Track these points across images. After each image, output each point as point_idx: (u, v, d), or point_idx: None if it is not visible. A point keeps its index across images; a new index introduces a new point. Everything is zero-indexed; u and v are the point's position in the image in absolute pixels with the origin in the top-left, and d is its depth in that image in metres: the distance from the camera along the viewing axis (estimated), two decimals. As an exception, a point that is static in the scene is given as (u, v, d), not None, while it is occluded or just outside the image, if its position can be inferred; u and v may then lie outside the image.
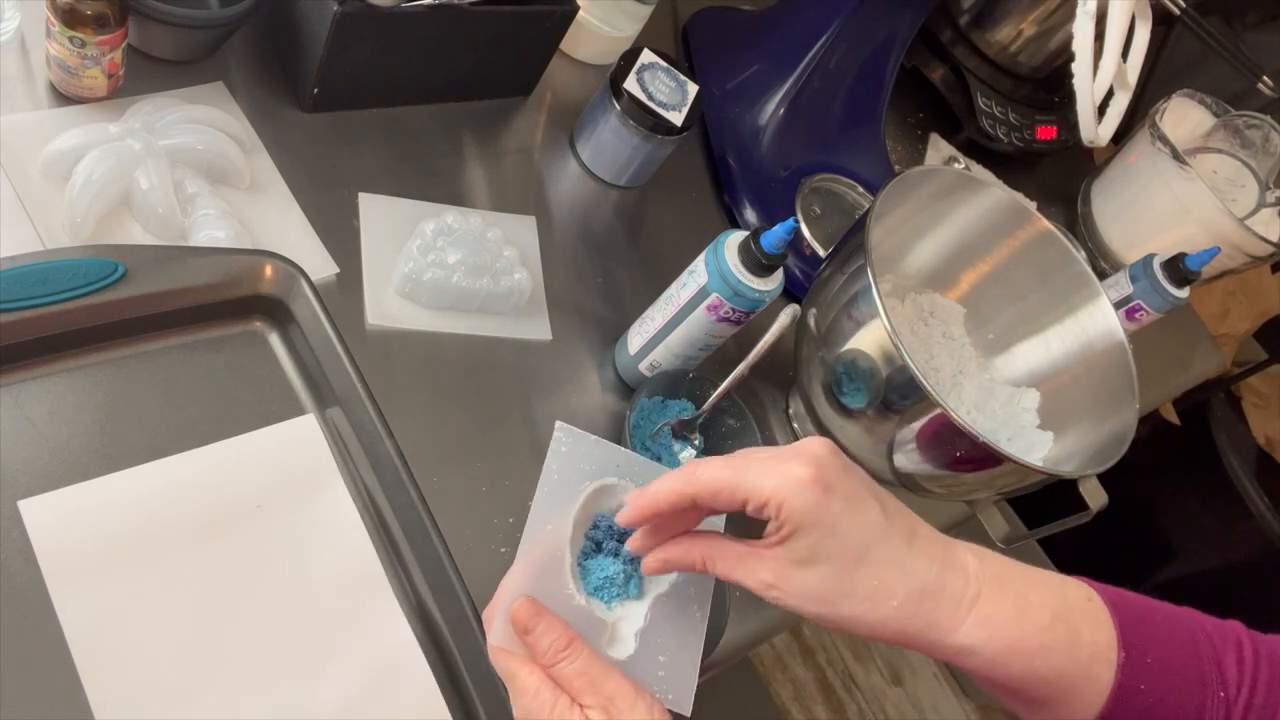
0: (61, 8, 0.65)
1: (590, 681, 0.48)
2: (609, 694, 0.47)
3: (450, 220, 0.80)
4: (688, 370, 0.81)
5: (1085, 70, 0.85)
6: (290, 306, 0.69)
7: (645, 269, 0.94)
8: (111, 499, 0.59)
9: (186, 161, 0.71)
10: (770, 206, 1.02)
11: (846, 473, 0.48)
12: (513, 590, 0.52)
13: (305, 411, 0.68)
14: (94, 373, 0.63)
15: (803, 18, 1.05)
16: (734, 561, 0.49)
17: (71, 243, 0.67)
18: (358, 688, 0.60)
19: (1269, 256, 1.19)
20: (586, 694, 0.47)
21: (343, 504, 0.66)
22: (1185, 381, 1.35)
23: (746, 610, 0.81)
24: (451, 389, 0.77)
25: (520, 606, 0.50)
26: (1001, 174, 1.30)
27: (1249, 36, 1.42)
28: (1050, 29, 1.21)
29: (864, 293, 0.71)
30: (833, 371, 0.76)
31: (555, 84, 1.00)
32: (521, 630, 0.50)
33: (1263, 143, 1.29)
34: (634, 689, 0.48)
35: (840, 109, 1.08)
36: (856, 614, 0.46)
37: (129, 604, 0.57)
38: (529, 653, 0.50)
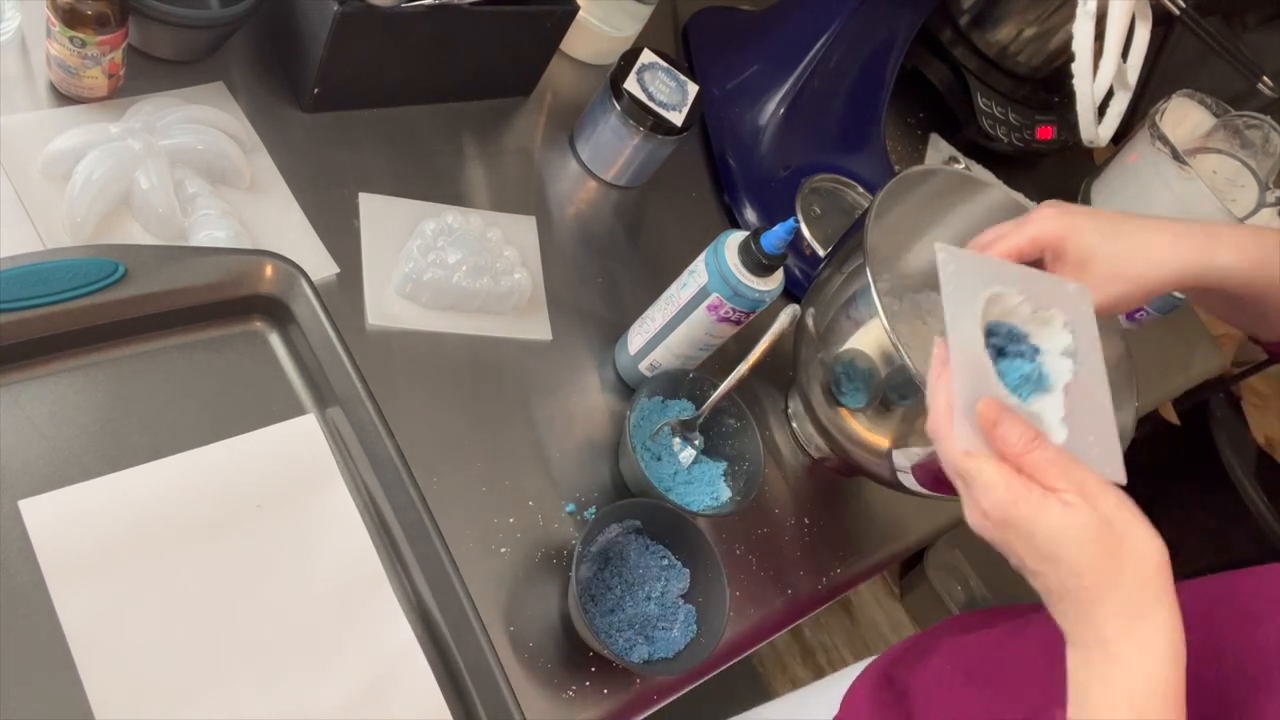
0: (62, 8, 0.66)
1: (1061, 469, 0.49)
2: (1079, 480, 0.49)
3: (450, 220, 0.80)
4: (688, 370, 0.81)
5: (1085, 70, 0.85)
6: (290, 306, 0.69)
7: (645, 269, 0.94)
8: (111, 499, 0.59)
9: (186, 161, 0.71)
10: (770, 206, 1.02)
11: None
12: (954, 395, 0.52)
13: (305, 411, 0.68)
14: (94, 373, 0.63)
15: (803, 18, 1.05)
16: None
17: (72, 243, 0.67)
18: (358, 687, 0.60)
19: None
20: (1059, 479, 0.49)
21: (343, 504, 0.66)
22: (1185, 381, 1.35)
23: (746, 610, 0.81)
24: (451, 389, 0.77)
25: (987, 403, 0.52)
26: (1001, 174, 1.30)
27: (1249, 36, 1.42)
28: (1050, 29, 1.21)
29: (862, 293, 0.71)
30: (832, 371, 0.76)
31: (555, 84, 1.00)
32: (989, 424, 0.51)
33: (1263, 143, 1.28)
34: (1098, 476, 0.50)
35: (840, 109, 1.08)
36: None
37: (129, 604, 0.57)
38: (994, 449, 0.51)
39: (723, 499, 0.80)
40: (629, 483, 0.79)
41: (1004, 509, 0.50)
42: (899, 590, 2.15)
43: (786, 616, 0.84)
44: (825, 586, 0.87)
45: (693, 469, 0.81)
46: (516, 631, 0.70)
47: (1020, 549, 0.50)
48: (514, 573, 0.72)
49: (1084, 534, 0.48)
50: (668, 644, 0.71)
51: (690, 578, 0.75)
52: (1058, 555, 0.49)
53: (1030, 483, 0.49)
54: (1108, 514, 0.48)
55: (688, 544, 0.74)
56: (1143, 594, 0.47)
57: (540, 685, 0.68)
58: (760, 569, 0.83)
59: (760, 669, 1.87)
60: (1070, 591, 0.49)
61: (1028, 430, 0.51)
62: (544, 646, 0.70)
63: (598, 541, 0.73)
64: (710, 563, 0.73)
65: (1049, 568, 0.49)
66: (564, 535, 0.75)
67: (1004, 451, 0.51)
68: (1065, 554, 0.48)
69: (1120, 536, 0.48)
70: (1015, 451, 0.50)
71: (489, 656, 0.62)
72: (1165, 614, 0.47)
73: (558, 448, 0.79)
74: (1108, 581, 0.48)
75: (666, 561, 0.75)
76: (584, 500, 0.78)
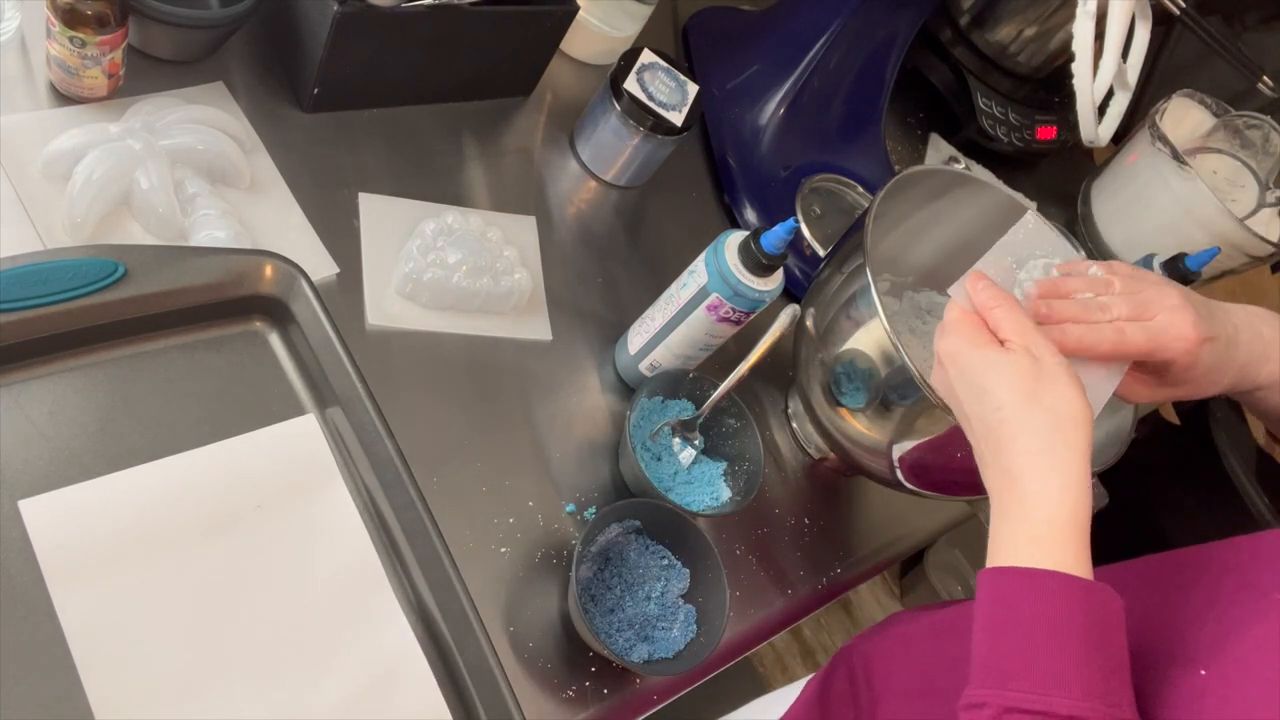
0: (62, 8, 0.65)
1: (1015, 324, 0.55)
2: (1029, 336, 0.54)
3: (450, 220, 0.80)
4: (688, 370, 0.81)
5: (1085, 70, 0.85)
6: (290, 306, 0.69)
7: (645, 269, 0.94)
8: (111, 499, 0.59)
9: (186, 161, 0.71)
10: (770, 206, 1.02)
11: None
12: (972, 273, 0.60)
13: (305, 411, 0.68)
14: (94, 373, 0.63)
15: (803, 18, 1.05)
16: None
17: (71, 243, 0.67)
18: (358, 687, 0.60)
19: (1269, 256, 1.19)
20: (1012, 333, 0.55)
21: (343, 504, 0.66)
22: (1185, 381, 1.34)
23: (746, 610, 0.81)
24: (451, 389, 0.77)
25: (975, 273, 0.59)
26: (1001, 174, 1.30)
27: (1249, 36, 1.42)
28: (1050, 29, 1.21)
29: (862, 293, 0.71)
30: (831, 371, 0.76)
31: (555, 84, 1.00)
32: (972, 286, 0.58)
33: (1263, 143, 1.28)
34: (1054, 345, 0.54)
35: (840, 109, 1.08)
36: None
37: (129, 604, 0.57)
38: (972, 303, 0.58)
39: (723, 499, 0.80)
40: (629, 483, 0.79)
41: (952, 344, 0.56)
42: (899, 590, 2.15)
43: (786, 616, 0.84)
44: (825, 586, 0.87)
45: (693, 469, 0.81)
46: (516, 631, 0.70)
47: (960, 386, 0.56)
48: (514, 573, 0.72)
49: (1013, 372, 0.53)
50: (668, 644, 0.71)
51: (690, 578, 0.75)
52: (984, 388, 0.54)
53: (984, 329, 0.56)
54: (1044, 367, 0.53)
55: (688, 544, 0.74)
56: (1053, 437, 0.51)
57: (540, 685, 0.68)
58: (760, 569, 0.83)
59: (760, 669, 1.87)
60: (990, 429, 0.53)
61: (999, 293, 0.57)
62: (544, 646, 0.70)
63: (598, 541, 0.73)
64: (710, 563, 0.73)
65: (977, 405, 0.54)
66: (564, 535, 0.75)
67: (976, 305, 0.57)
68: (990, 386, 0.53)
69: (1048, 386, 0.52)
70: (983, 306, 0.57)
71: (489, 656, 0.62)
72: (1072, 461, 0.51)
73: (558, 448, 0.79)
74: (1023, 420, 0.52)
75: (666, 561, 0.75)
76: (584, 500, 0.78)
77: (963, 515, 1.02)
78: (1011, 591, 0.49)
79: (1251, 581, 0.52)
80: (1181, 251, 1.03)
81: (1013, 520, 0.51)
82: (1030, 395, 0.52)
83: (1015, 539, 0.50)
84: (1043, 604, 0.48)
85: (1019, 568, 0.49)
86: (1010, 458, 0.52)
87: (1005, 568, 0.50)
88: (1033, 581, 0.49)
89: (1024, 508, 0.51)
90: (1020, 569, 0.49)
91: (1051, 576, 0.48)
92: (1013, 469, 0.52)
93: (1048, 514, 0.50)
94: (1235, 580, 0.53)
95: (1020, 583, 0.49)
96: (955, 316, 0.57)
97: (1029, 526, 0.50)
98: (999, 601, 0.50)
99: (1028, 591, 0.49)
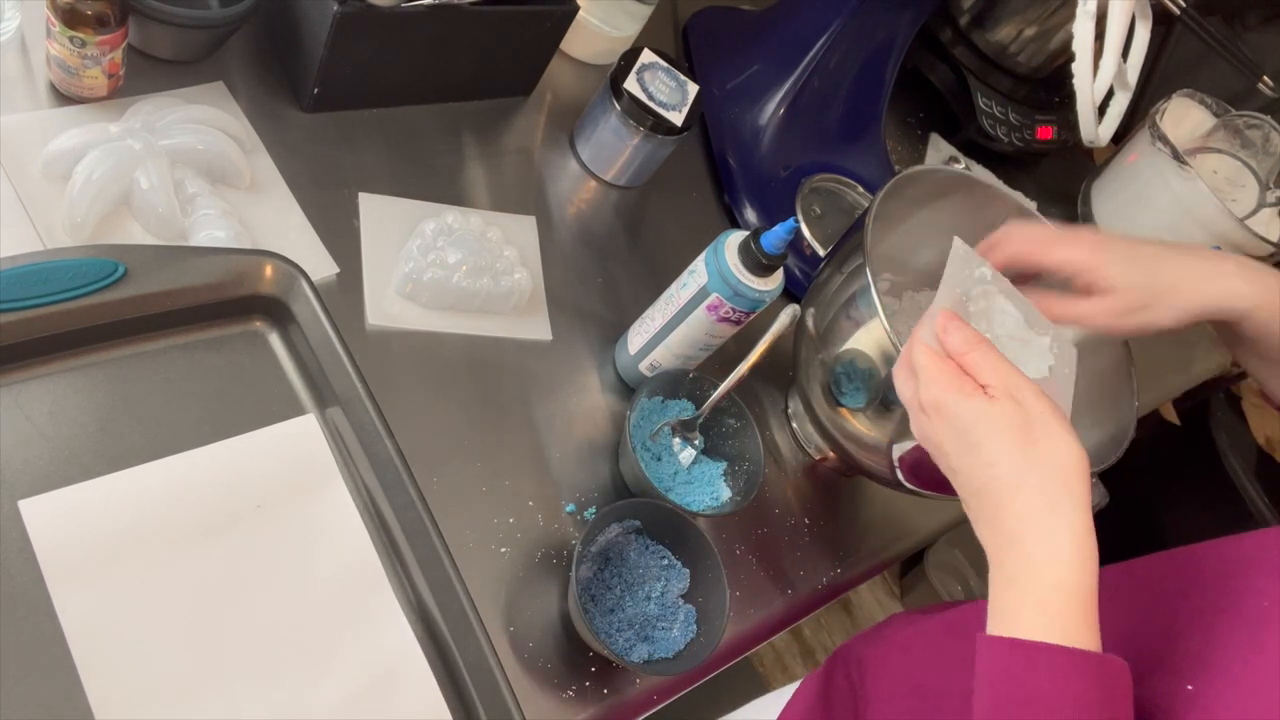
0: (61, 8, 0.66)
1: (994, 367, 0.53)
2: (1010, 380, 0.52)
3: (450, 220, 0.80)
4: (688, 370, 0.81)
5: (1085, 70, 0.85)
6: (290, 306, 0.69)
7: (645, 269, 0.94)
8: (111, 499, 0.59)
9: (186, 161, 0.71)
10: (770, 206, 1.02)
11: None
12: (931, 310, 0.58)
13: (305, 411, 0.68)
14: (94, 373, 0.63)
15: (803, 18, 1.05)
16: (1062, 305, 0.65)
17: (71, 243, 0.67)
18: (358, 687, 0.60)
19: (1269, 256, 1.19)
20: (991, 377, 0.53)
21: (343, 504, 0.66)
22: (1185, 381, 1.35)
23: (746, 610, 0.81)
24: (451, 389, 0.77)
25: (945, 312, 0.57)
26: (1001, 174, 1.30)
27: (1249, 36, 1.42)
28: (1050, 29, 1.21)
29: (862, 293, 0.71)
30: (832, 372, 0.76)
31: (555, 84, 1.00)
32: (942, 329, 0.56)
33: (1263, 143, 1.28)
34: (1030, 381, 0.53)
35: (840, 109, 1.08)
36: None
37: (129, 604, 0.57)
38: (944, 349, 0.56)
39: (723, 499, 0.80)
40: (629, 483, 0.79)
41: (935, 395, 0.53)
42: (899, 590, 2.15)
43: (786, 616, 0.84)
44: (825, 586, 0.87)
45: (693, 469, 0.81)
46: (516, 631, 0.70)
47: (947, 439, 0.53)
48: (514, 573, 0.72)
49: (1002, 423, 0.50)
50: (668, 644, 0.71)
51: (690, 578, 0.75)
52: (975, 443, 0.51)
53: (965, 376, 0.53)
54: (1031, 414, 0.51)
55: (688, 544, 0.74)
56: (1055, 493, 0.49)
57: (540, 685, 0.68)
58: (760, 569, 0.83)
59: (760, 669, 1.87)
60: (984, 486, 0.51)
61: (972, 335, 0.55)
62: (544, 646, 0.70)
63: (598, 541, 0.73)
64: (710, 563, 0.73)
65: (967, 459, 0.52)
66: (564, 535, 0.75)
67: (948, 350, 0.55)
68: (981, 441, 0.51)
69: (1039, 436, 0.50)
70: (957, 351, 0.54)
71: (489, 656, 0.62)
72: (1074, 514, 0.48)
73: (558, 448, 0.79)
74: (1018, 476, 0.50)
75: (666, 561, 0.75)
76: (584, 500, 0.78)
77: (963, 515, 1.01)
78: (1018, 666, 0.46)
79: (1238, 588, 0.51)
80: (1181, 251, 1.03)
81: (1019, 586, 0.48)
82: (1022, 448, 0.50)
83: (1022, 605, 0.47)
84: (1049, 680, 0.45)
85: (1027, 642, 0.46)
86: (1010, 521, 0.49)
87: (1011, 640, 0.47)
88: (1040, 657, 0.46)
89: (1032, 573, 0.48)
90: (1029, 644, 0.46)
91: (1063, 654, 0.45)
92: (1015, 532, 0.49)
93: (1058, 578, 0.47)
94: (1222, 586, 0.52)
95: (1026, 657, 0.46)
96: (931, 363, 0.54)
97: (1037, 593, 0.47)
98: (1005, 675, 0.47)
99: (1034, 667, 0.46)
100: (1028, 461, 0.50)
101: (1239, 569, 0.52)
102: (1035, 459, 0.50)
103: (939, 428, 0.54)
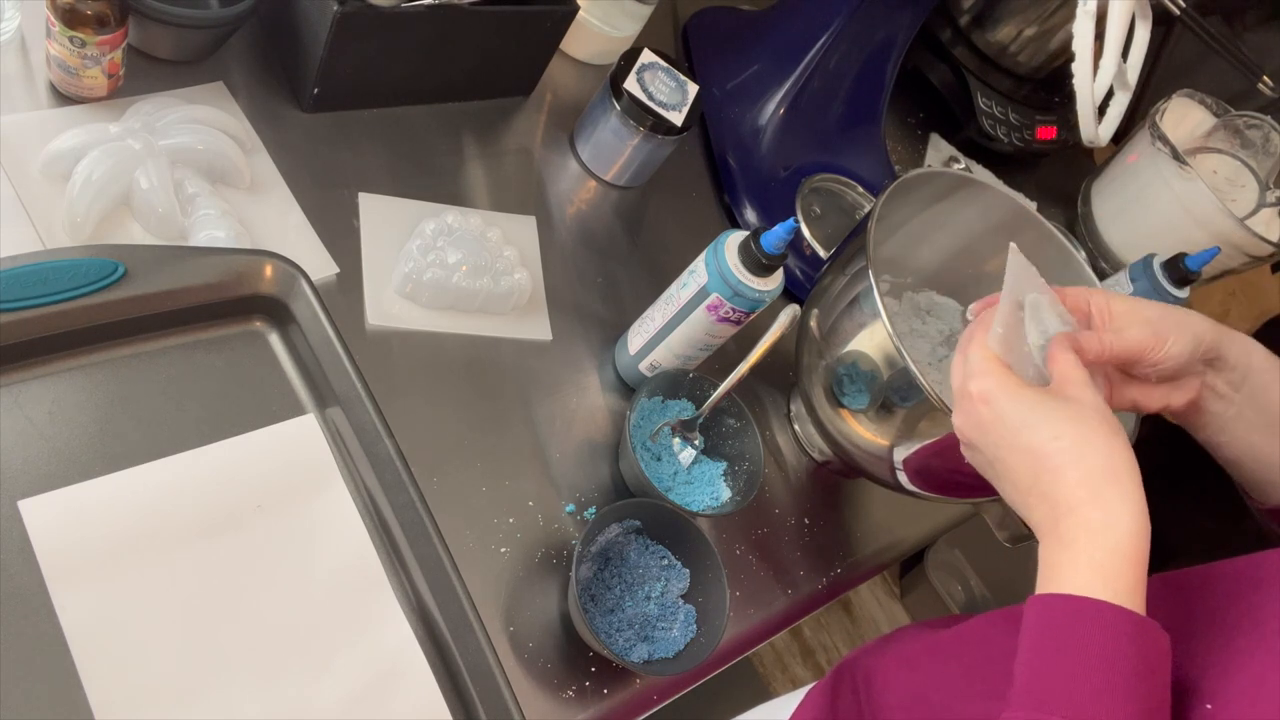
0: (61, 8, 0.65)
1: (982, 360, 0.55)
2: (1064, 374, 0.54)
3: (450, 220, 0.80)
4: (688, 370, 0.81)
5: (1085, 70, 0.85)
6: (290, 306, 0.69)
7: (645, 269, 0.94)
8: (111, 499, 0.59)
9: (186, 161, 0.71)
10: (770, 206, 1.02)
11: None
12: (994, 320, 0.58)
13: (305, 411, 0.68)
14: (94, 373, 0.63)
15: (803, 18, 1.05)
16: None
17: (71, 243, 0.67)
18: (358, 687, 0.60)
19: (1269, 256, 1.19)
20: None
21: (343, 504, 0.66)
22: (1185, 382, 1.34)
23: (746, 610, 0.81)
24: (451, 389, 0.77)
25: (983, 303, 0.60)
26: (1001, 174, 1.30)
27: (1249, 36, 1.42)
28: (1050, 29, 1.21)
29: (865, 295, 0.71)
30: (834, 373, 0.76)
31: (555, 84, 1.00)
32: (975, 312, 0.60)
33: (1263, 143, 1.28)
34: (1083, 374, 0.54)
35: (840, 109, 1.08)
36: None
37: (129, 604, 0.57)
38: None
39: (723, 499, 0.80)
40: (629, 483, 0.79)
41: (992, 385, 0.54)
42: (899, 590, 2.15)
43: (786, 616, 0.84)
44: (825, 586, 0.87)
45: (693, 469, 0.81)
46: (516, 631, 0.70)
47: (998, 425, 0.54)
48: (514, 573, 0.72)
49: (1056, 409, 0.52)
50: (668, 644, 0.71)
51: (690, 578, 0.75)
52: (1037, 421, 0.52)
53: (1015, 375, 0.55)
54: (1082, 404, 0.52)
55: (688, 544, 0.74)
56: (1112, 469, 0.50)
57: (540, 685, 0.68)
58: (760, 569, 0.83)
59: (760, 669, 1.87)
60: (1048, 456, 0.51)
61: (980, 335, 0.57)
62: (544, 646, 0.70)
63: (598, 541, 0.73)
64: (710, 563, 0.73)
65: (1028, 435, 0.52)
66: (564, 535, 0.75)
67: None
68: (1044, 418, 0.52)
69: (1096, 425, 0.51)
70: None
71: (489, 656, 0.62)
72: (1133, 489, 0.49)
73: (558, 448, 0.79)
74: (1080, 449, 0.51)
75: (666, 561, 0.75)
76: (584, 500, 0.78)
77: (963, 515, 1.02)
78: (1063, 618, 0.48)
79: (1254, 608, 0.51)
80: (1181, 251, 1.03)
81: (1074, 549, 0.49)
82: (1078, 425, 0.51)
83: (1076, 565, 0.48)
84: (1096, 634, 0.46)
85: (1075, 596, 0.48)
86: (1070, 488, 0.50)
87: (1060, 594, 0.48)
88: (1088, 610, 0.47)
89: (1089, 536, 0.49)
90: (1076, 597, 0.48)
91: (1108, 608, 0.46)
92: (1074, 499, 0.50)
93: (1114, 543, 0.48)
94: (1238, 607, 0.52)
95: (1075, 610, 0.47)
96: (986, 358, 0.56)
97: (1091, 553, 0.48)
98: (1050, 625, 0.48)
99: (1082, 620, 0.47)
100: (1083, 437, 0.51)
101: (1253, 588, 0.53)
102: (1094, 441, 0.51)
103: (987, 414, 0.55)
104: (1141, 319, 0.59)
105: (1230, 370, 0.60)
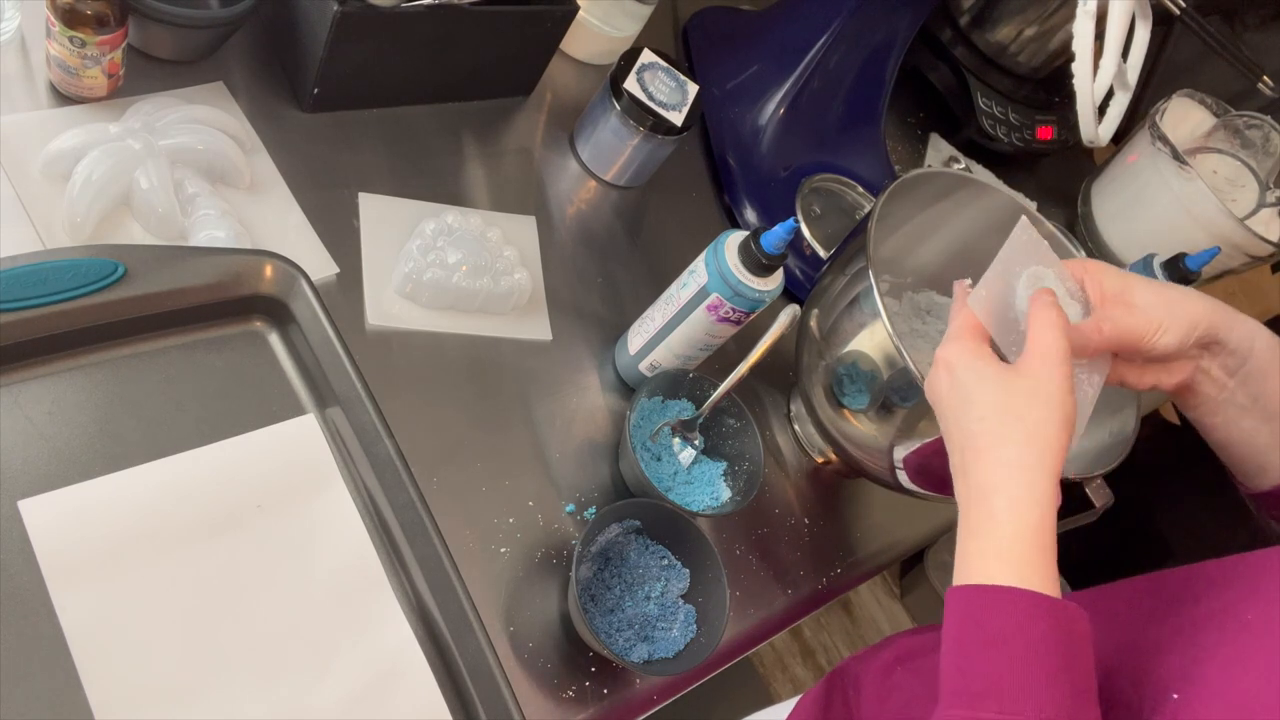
0: (61, 8, 0.65)
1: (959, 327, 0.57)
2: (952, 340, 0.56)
3: (450, 220, 0.80)
4: (688, 370, 0.81)
5: (1085, 70, 0.85)
6: (290, 306, 0.69)
7: (645, 269, 0.94)
8: (111, 499, 0.59)
9: (186, 161, 0.71)
10: (770, 206, 1.02)
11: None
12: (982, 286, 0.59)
13: (305, 411, 0.68)
14: (94, 373, 0.63)
15: (803, 18, 1.05)
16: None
17: (71, 243, 0.67)
18: (358, 687, 0.60)
19: (1269, 256, 1.19)
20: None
21: (343, 504, 0.66)
22: (1185, 382, 1.34)
23: (746, 610, 0.81)
24: (451, 389, 0.77)
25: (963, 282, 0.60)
26: (1001, 174, 1.30)
27: (1249, 36, 1.42)
28: (1050, 29, 1.21)
29: (865, 295, 0.71)
30: (834, 373, 0.76)
31: (555, 84, 1.00)
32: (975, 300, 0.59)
33: (1263, 143, 1.28)
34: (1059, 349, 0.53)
35: (840, 109, 1.08)
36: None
37: (129, 604, 0.57)
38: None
39: (723, 499, 0.80)
40: (629, 483, 0.79)
41: (955, 353, 0.55)
42: (899, 590, 2.15)
43: (786, 616, 0.84)
44: (825, 586, 0.87)
45: (693, 469, 0.81)
46: (516, 631, 0.70)
47: (950, 396, 0.55)
48: (514, 573, 0.72)
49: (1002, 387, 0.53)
50: (668, 644, 0.71)
51: (690, 578, 0.75)
52: (973, 398, 0.53)
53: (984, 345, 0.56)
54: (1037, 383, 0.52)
55: (688, 544, 0.74)
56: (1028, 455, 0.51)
57: (540, 685, 0.68)
58: (760, 569, 0.83)
59: (760, 669, 1.87)
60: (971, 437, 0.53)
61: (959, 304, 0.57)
62: (544, 646, 0.70)
63: (598, 541, 0.73)
64: (710, 563, 0.73)
65: (962, 412, 0.53)
66: (564, 535, 0.75)
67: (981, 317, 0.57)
68: (978, 397, 0.53)
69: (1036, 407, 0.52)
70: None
71: (489, 656, 0.62)
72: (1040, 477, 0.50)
73: (558, 448, 0.79)
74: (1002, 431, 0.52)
75: (666, 561, 0.75)
76: (584, 500, 0.78)
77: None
78: (979, 609, 0.49)
79: (1227, 603, 0.51)
80: (1181, 251, 1.03)
81: (980, 537, 0.51)
82: (1015, 410, 0.52)
83: (984, 555, 0.50)
84: (1011, 622, 0.47)
85: (987, 585, 0.49)
86: (983, 472, 0.52)
87: (974, 585, 0.49)
88: (1001, 599, 0.48)
89: (993, 523, 0.50)
90: (989, 586, 0.49)
91: (1021, 595, 0.48)
92: (985, 483, 0.51)
93: (1015, 530, 0.49)
94: (1213, 603, 0.53)
95: (989, 600, 0.49)
96: (963, 324, 0.57)
97: (996, 543, 0.50)
98: (967, 619, 0.49)
99: (996, 609, 0.48)
100: (1013, 421, 0.52)
101: (1224, 585, 0.53)
102: (1022, 424, 0.51)
103: (945, 382, 0.56)
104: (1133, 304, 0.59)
105: (1229, 355, 0.59)
